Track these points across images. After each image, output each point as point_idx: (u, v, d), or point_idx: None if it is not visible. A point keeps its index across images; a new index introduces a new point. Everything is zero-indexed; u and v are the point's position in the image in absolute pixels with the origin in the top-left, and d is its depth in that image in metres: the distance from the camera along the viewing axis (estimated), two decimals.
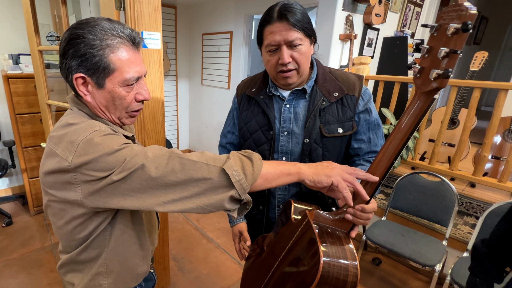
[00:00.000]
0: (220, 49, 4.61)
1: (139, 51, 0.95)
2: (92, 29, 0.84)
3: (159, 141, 2.00)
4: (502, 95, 2.37)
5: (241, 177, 0.79)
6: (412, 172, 2.62)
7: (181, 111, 5.57)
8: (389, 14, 3.77)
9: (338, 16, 3.08)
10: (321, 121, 1.21)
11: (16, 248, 2.90)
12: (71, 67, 0.86)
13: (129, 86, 0.92)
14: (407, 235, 2.37)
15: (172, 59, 5.09)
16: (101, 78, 0.88)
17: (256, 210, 1.40)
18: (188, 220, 3.60)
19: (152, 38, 1.77)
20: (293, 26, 1.08)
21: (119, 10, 1.69)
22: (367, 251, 3.06)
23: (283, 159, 1.27)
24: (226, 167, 0.79)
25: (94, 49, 0.84)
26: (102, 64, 0.85)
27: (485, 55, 2.88)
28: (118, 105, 0.94)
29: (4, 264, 2.68)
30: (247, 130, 1.35)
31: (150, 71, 1.83)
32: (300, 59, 1.13)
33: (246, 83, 1.44)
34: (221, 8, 4.43)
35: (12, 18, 3.48)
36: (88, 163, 0.79)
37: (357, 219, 0.93)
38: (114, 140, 0.83)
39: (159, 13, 1.78)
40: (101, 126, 0.87)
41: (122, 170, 0.78)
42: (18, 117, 3.34)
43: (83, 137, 0.81)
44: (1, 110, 3.62)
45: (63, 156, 0.81)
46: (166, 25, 4.82)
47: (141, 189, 0.80)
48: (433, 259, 2.10)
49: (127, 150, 0.81)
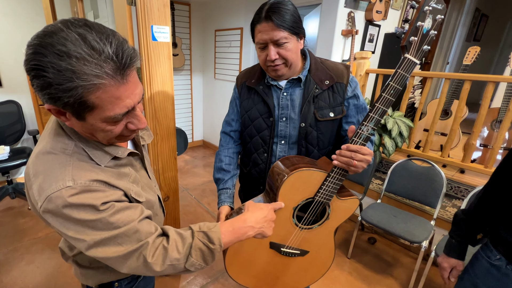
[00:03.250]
0: (232, 44, 4.69)
1: (130, 75, 0.71)
2: (56, 60, 0.61)
3: (169, 128, 2.10)
4: (489, 87, 2.47)
5: (202, 266, 0.87)
6: (405, 158, 2.75)
7: (195, 104, 5.68)
8: (390, 11, 3.85)
9: (340, 12, 3.19)
10: (315, 107, 1.30)
11: (41, 228, 3.05)
12: (40, 97, 0.68)
13: (116, 122, 0.76)
14: (399, 216, 2.50)
15: (186, 54, 5.17)
16: (79, 113, 0.71)
17: (257, 187, 1.51)
18: (200, 203, 3.75)
19: (161, 31, 1.85)
20: (278, 26, 1.13)
21: (130, 5, 1.77)
22: (364, 231, 3.19)
23: (282, 142, 1.38)
24: (188, 266, 0.84)
25: (61, 91, 0.63)
26: (76, 104, 0.67)
27: (477, 50, 2.98)
28: (105, 135, 0.79)
29: (31, 242, 2.83)
30: (248, 118, 1.43)
31: (160, 63, 1.91)
32: (287, 55, 1.20)
33: (245, 74, 1.49)
34: (233, 5, 4.50)
35: (34, 14, 3.58)
36: (56, 221, 0.74)
37: (341, 158, 1.07)
38: (86, 211, 0.74)
39: (168, 8, 1.85)
40: (75, 179, 0.74)
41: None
42: (41, 107, 3.50)
43: (51, 191, 0.71)
44: (25, 102, 3.75)
45: (35, 196, 0.74)
46: (180, 22, 4.91)
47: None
48: (420, 237, 2.23)
49: (99, 224, 0.76)
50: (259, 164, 1.46)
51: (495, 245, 1.17)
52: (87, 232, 0.75)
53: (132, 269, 0.80)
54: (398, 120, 2.80)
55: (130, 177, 0.91)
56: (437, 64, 6.09)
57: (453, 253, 1.33)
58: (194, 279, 2.46)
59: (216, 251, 0.87)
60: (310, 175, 1.14)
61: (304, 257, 1.31)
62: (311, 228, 1.24)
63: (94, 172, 0.79)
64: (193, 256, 0.84)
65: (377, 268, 2.64)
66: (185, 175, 4.59)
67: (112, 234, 0.76)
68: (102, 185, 0.78)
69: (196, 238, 0.86)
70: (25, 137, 3.80)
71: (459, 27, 6.17)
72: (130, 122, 0.80)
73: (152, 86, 1.91)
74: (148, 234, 0.82)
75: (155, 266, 0.80)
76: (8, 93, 3.64)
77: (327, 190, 1.14)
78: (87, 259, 0.99)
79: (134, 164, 0.98)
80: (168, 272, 0.84)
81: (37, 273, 2.45)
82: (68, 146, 0.79)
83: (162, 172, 2.14)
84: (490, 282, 1.16)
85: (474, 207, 1.28)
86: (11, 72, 3.61)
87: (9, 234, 2.93)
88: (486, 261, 1.19)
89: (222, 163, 1.50)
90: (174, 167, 2.22)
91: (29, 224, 3.12)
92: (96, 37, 0.64)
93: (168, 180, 2.21)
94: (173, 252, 0.82)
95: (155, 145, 2.05)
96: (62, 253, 1.04)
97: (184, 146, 5.14)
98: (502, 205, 1.16)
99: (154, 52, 1.86)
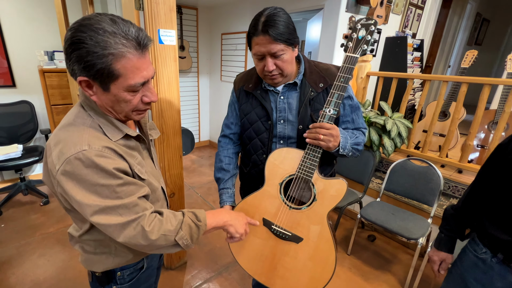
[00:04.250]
0: (237, 47, 4.73)
1: (146, 53, 0.88)
2: (94, 34, 0.77)
3: (175, 127, 2.15)
4: (485, 89, 2.49)
5: (188, 242, 0.98)
6: (404, 158, 2.77)
7: (202, 105, 5.72)
8: (391, 15, 3.88)
9: (341, 17, 3.23)
10: (311, 109, 1.34)
11: (52, 223, 3.11)
12: (75, 70, 0.82)
13: (135, 91, 0.89)
14: (397, 214, 2.53)
15: (194, 57, 5.23)
16: (106, 83, 0.84)
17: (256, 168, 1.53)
18: (206, 201, 3.80)
19: (168, 35, 1.90)
20: (275, 40, 1.15)
21: (138, 10, 1.82)
22: (363, 229, 3.22)
23: (281, 142, 1.42)
24: (178, 239, 0.95)
25: (96, 57, 0.78)
26: (105, 71, 0.81)
27: (475, 54, 3.00)
28: (124, 106, 0.91)
29: (42, 237, 2.89)
30: (247, 121, 1.46)
31: (166, 65, 1.96)
32: (283, 66, 1.24)
33: (242, 78, 1.51)
34: (238, 10, 4.55)
35: (47, 18, 3.65)
36: (69, 183, 0.83)
37: (310, 134, 1.21)
38: (98, 173, 0.83)
39: (174, 13, 1.90)
40: (90, 144, 0.84)
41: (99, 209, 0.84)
42: (53, 107, 3.58)
43: (70, 154, 0.81)
44: (38, 102, 3.81)
45: (54, 161, 0.84)
46: (188, 25, 4.96)
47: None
48: (417, 234, 2.26)
49: (106, 191, 0.85)
50: (258, 165, 1.50)
51: (481, 239, 1.21)
52: (93, 198, 0.83)
53: (128, 238, 0.88)
54: (397, 121, 2.83)
55: (136, 159, 1.00)
56: (439, 67, 6.10)
57: (442, 246, 1.37)
58: (199, 273, 2.51)
59: (201, 228, 1.02)
60: (288, 152, 1.30)
61: (301, 247, 1.29)
62: (300, 209, 1.27)
63: (106, 141, 0.89)
64: (183, 229, 0.97)
65: (376, 265, 2.67)
66: (192, 174, 4.64)
67: (114, 203, 0.85)
68: (112, 152, 0.88)
69: (186, 216, 1.01)
70: (37, 136, 3.87)
71: (460, 31, 6.18)
72: (145, 95, 0.93)
73: (158, 87, 1.96)
74: (145, 209, 0.92)
75: (151, 234, 0.89)
76: (21, 94, 3.71)
77: (306, 165, 1.24)
78: (92, 245, 1.05)
79: (141, 151, 1.07)
80: (160, 243, 0.92)
81: (48, 266, 2.51)
82: (86, 121, 0.91)
83: (168, 170, 2.19)
84: (477, 274, 1.20)
85: (462, 203, 1.32)
86: (24, 73, 3.68)
87: (22, 229, 3.00)
88: (473, 254, 1.23)
89: (222, 163, 1.55)
90: (180, 165, 2.27)
91: (41, 219, 3.18)
92: (122, 21, 0.82)
93: (173, 178, 2.26)
94: (167, 224, 0.94)
95: (161, 143, 2.10)
96: (70, 237, 1.11)
97: (191, 146, 5.20)
98: (487, 201, 1.21)
99: (161, 55, 1.91)
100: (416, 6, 4.27)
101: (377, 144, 2.87)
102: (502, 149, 1.15)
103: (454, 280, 1.31)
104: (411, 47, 4.03)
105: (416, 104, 4.29)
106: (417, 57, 4.17)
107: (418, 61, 4.23)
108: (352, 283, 2.45)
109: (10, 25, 3.47)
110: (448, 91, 3.18)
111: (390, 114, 2.98)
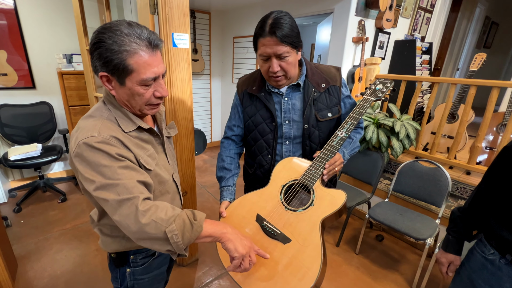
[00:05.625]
0: (248, 50, 4.76)
1: (157, 52, 0.97)
2: (112, 34, 0.88)
3: (188, 128, 2.16)
4: (494, 92, 2.46)
5: (178, 240, 0.90)
6: (412, 160, 2.74)
7: (214, 106, 5.76)
8: (400, 19, 3.85)
9: (351, 21, 3.22)
10: (315, 109, 1.38)
11: (69, 220, 3.16)
12: (97, 66, 0.94)
13: (147, 85, 0.97)
14: (404, 214, 2.50)
15: (206, 59, 5.26)
16: (121, 77, 0.94)
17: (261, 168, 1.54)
18: (217, 200, 3.80)
19: (181, 38, 1.92)
20: (281, 41, 1.18)
21: (153, 15, 1.84)
22: (372, 229, 3.20)
23: (287, 143, 1.44)
24: (168, 231, 0.89)
25: (113, 54, 0.89)
26: (121, 66, 0.91)
27: (484, 57, 2.95)
28: (138, 100, 1.00)
29: (60, 233, 2.94)
30: (252, 123, 1.48)
31: (180, 67, 1.97)
32: (287, 68, 1.26)
33: (245, 81, 1.54)
34: (250, 14, 4.58)
35: (65, 23, 3.73)
36: (80, 163, 0.91)
37: (328, 173, 1.27)
38: (102, 155, 0.90)
39: (187, 17, 1.92)
40: (100, 132, 0.92)
41: (100, 186, 0.90)
42: (71, 108, 3.63)
43: (81, 138, 0.90)
44: (56, 103, 3.89)
45: (72, 145, 0.93)
46: (201, 29, 5.00)
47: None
48: (425, 234, 2.23)
49: (108, 171, 0.90)
50: (263, 165, 1.51)
51: (489, 240, 1.19)
52: (97, 176, 0.90)
53: (123, 217, 0.89)
54: (405, 123, 2.80)
55: (148, 151, 1.07)
56: (447, 70, 6.02)
57: (450, 248, 1.36)
58: (210, 269, 2.52)
59: (195, 228, 0.93)
60: (298, 161, 1.36)
61: (287, 248, 1.18)
62: (296, 211, 1.23)
63: (115, 132, 0.97)
64: (175, 222, 0.91)
65: (384, 264, 2.64)
66: (204, 173, 4.66)
67: (114, 182, 0.90)
68: (118, 142, 0.96)
69: (184, 212, 0.96)
70: (56, 135, 3.93)
71: (469, 35, 6.09)
72: (157, 90, 1.01)
73: (172, 89, 1.97)
74: (141, 194, 0.92)
75: (142, 217, 0.88)
76: (41, 95, 3.78)
77: (310, 173, 1.27)
78: (109, 228, 1.13)
79: (155, 145, 1.15)
80: (150, 230, 0.88)
81: (65, 261, 2.55)
82: (104, 113, 1.02)
83: (180, 169, 2.21)
84: (485, 275, 1.18)
85: (469, 204, 1.31)
86: (44, 75, 3.75)
87: (40, 225, 3.05)
88: (480, 255, 1.21)
89: (224, 162, 1.56)
90: (192, 165, 2.28)
91: (58, 216, 3.23)
92: (137, 25, 0.93)
93: (186, 177, 2.27)
94: (161, 213, 0.91)
95: (175, 143, 2.11)
96: (91, 220, 1.19)
97: (203, 146, 5.22)
98: (493, 202, 1.19)
99: (174, 58, 1.93)
100: (425, 10, 4.22)
101: (386, 145, 2.84)
102: (508, 152, 1.14)
103: (462, 282, 1.29)
104: (420, 50, 4.00)
105: (425, 106, 4.24)
106: (426, 60, 4.13)
107: (427, 64, 4.19)
108: (360, 281, 2.43)
109: (31, 30, 3.54)
110: (457, 94, 3.14)
111: (398, 116, 2.95)
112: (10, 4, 3.33)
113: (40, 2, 3.52)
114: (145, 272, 1.22)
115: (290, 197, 1.30)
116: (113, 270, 1.24)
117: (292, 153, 1.46)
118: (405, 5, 3.80)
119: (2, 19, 3.32)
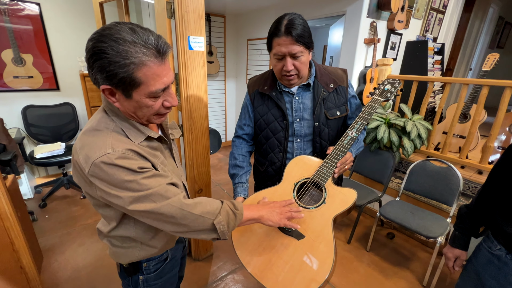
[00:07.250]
0: (262, 52, 4.78)
1: (166, 60, 0.87)
2: (114, 44, 0.76)
3: (203, 127, 2.18)
4: (507, 92, 2.40)
5: (225, 229, 0.97)
6: (423, 159, 2.71)
7: (229, 107, 5.79)
8: (412, 20, 3.79)
9: (363, 22, 3.20)
10: (325, 107, 1.41)
11: (91, 215, 3.23)
12: (97, 79, 0.83)
13: (156, 97, 0.89)
14: (415, 213, 2.47)
15: (221, 61, 5.30)
16: (128, 90, 0.84)
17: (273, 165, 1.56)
18: (231, 197, 3.82)
19: (197, 41, 1.94)
20: (296, 41, 1.21)
21: (170, 19, 1.87)
22: (383, 227, 3.18)
23: (298, 141, 1.46)
24: (216, 222, 0.95)
25: (118, 67, 0.78)
26: (127, 80, 0.81)
27: (497, 57, 2.89)
28: (146, 111, 0.91)
29: (82, 227, 3.01)
30: (263, 122, 1.50)
31: (195, 69, 1.99)
32: (300, 67, 1.30)
33: (256, 81, 1.56)
34: (263, 17, 4.59)
35: (87, 26, 3.81)
36: (101, 183, 0.85)
37: (339, 170, 1.31)
38: (124, 171, 0.84)
39: (203, 21, 1.94)
40: (114, 147, 0.85)
41: (135, 199, 0.86)
42: (92, 109, 3.70)
43: (96, 157, 0.82)
44: (79, 104, 3.98)
45: (82, 164, 0.84)
46: (216, 32, 5.03)
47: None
48: (436, 232, 2.20)
49: (135, 185, 0.86)
50: (275, 162, 1.53)
51: (496, 236, 1.19)
52: (124, 192, 0.85)
53: (168, 217, 0.90)
54: (417, 123, 2.77)
55: (159, 159, 1.01)
56: (460, 71, 5.90)
57: (457, 244, 1.36)
58: (224, 264, 2.54)
59: (238, 217, 1.02)
60: (310, 159, 1.40)
61: (301, 244, 1.20)
62: (309, 208, 1.26)
63: (129, 144, 0.90)
64: (221, 214, 0.97)
65: (394, 261, 2.62)
66: (218, 172, 4.69)
67: (146, 193, 0.87)
68: (135, 154, 0.89)
69: (225, 203, 1.01)
70: (78, 135, 3.98)
71: (481, 35, 5.95)
72: (166, 100, 0.93)
73: (188, 90, 1.99)
74: (177, 193, 0.93)
75: (188, 212, 0.91)
76: (64, 96, 3.87)
77: (322, 171, 1.31)
78: (120, 239, 1.07)
79: (163, 151, 1.08)
80: (198, 223, 0.93)
81: (86, 254, 2.61)
82: (109, 125, 0.92)
83: (196, 167, 2.23)
84: (492, 270, 1.18)
85: (475, 201, 1.31)
86: (67, 77, 3.84)
87: (64, 220, 3.13)
88: (487, 251, 1.21)
89: (236, 160, 1.58)
90: (207, 163, 2.30)
91: (81, 211, 3.31)
92: (141, 30, 0.81)
93: (201, 175, 2.29)
94: (207, 206, 0.96)
95: (190, 142, 2.13)
96: (99, 232, 1.12)
97: (218, 145, 5.25)
98: (499, 199, 1.18)
99: (190, 60, 1.95)
100: (437, 11, 4.15)
101: (397, 145, 2.81)
102: None
103: (469, 277, 1.29)
104: (432, 51, 3.93)
105: (436, 106, 4.17)
106: (438, 60, 4.06)
107: (439, 65, 4.12)
108: (371, 278, 2.41)
109: (55, 34, 3.64)
110: (469, 94, 3.08)
111: (410, 116, 2.92)
112: (36, 11, 3.42)
113: (63, 8, 3.61)
114: (158, 277, 1.20)
115: (302, 194, 1.33)
116: (125, 278, 1.19)
117: (303, 150, 1.48)
118: (417, 6, 3.74)
119: (29, 25, 3.42)
